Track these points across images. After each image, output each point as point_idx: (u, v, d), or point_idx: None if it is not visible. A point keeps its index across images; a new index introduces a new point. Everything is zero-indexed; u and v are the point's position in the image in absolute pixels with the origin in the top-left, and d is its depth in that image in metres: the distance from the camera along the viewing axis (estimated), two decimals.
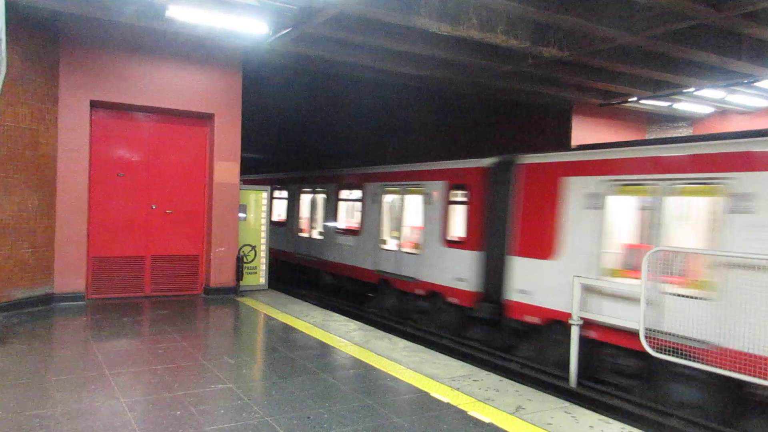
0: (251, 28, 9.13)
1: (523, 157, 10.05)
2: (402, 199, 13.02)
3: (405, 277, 12.58)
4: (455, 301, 11.19)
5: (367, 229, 14.13)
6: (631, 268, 8.19)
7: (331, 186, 16.03)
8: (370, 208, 14.07)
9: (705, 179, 7.26)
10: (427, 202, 12.20)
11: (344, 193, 15.51)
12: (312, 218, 17.10)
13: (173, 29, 9.82)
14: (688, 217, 8.10)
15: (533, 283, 9.45)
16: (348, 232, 15.04)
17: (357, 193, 14.77)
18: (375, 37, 10.18)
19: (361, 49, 11.27)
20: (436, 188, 11.96)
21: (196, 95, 10.68)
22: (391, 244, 13.33)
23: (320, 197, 16.72)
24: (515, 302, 9.73)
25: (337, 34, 10.03)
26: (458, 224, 11.50)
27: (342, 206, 15.71)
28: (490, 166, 10.80)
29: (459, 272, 11.08)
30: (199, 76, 10.73)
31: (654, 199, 7.84)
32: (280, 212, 18.97)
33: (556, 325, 8.99)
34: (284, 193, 18.66)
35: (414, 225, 12.83)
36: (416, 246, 12.48)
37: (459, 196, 11.49)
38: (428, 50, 10.91)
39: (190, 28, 9.62)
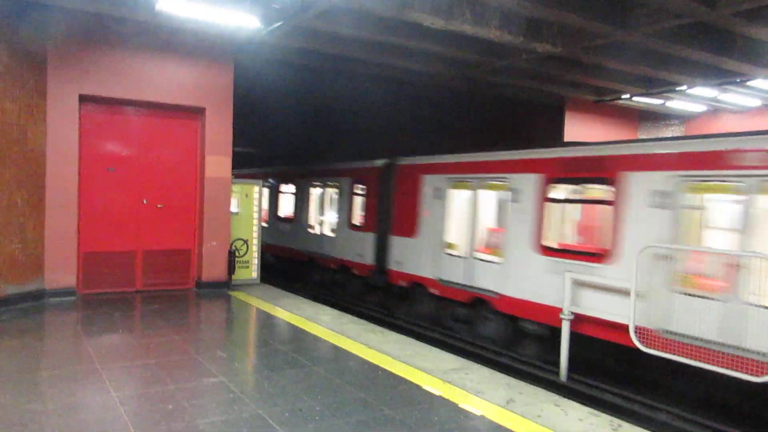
0: (243, 22, 9.10)
1: (400, 159, 12.88)
2: (324, 192, 16.06)
3: (324, 255, 15.52)
4: (357, 272, 14.03)
5: (300, 217, 17.19)
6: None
7: (277, 179, 18.79)
8: (301, 199, 17.18)
9: (501, 178, 10.20)
10: (340, 194, 15.10)
11: (283, 187, 18.48)
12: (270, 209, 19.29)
13: (164, 22, 9.77)
14: (491, 204, 11.14)
15: (404, 256, 12.40)
16: (288, 220, 18.02)
17: (292, 187, 17.80)
18: (368, 30, 10.17)
19: (354, 43, 11.26)
20: (345, 183, 14.83)
21: (186, 89, 10.63)
22: (316, 229, 16.24)
23: (269, 190, 19.22)
24: (394, 271, 12.70)
25: (330, 27, 10.02)
26: (359, 212, 14.43)
27: (282, 198, 18.73)
28: (380, 166, 13.51)
29: (359, 250, 13.92)
30: (190, 69, 10.67)
31: (472, 192, 10.83)
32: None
33: (418, 287, 11.99)
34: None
35: (331, 213, 15.72)
36: (333, 230, 15.40)
37: (359, 189, 14.34)
38: (421, 45, 10.92)
39: (181, 21, 9.58)
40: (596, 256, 8.46)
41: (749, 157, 6.79)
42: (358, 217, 14.43)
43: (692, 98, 15.28)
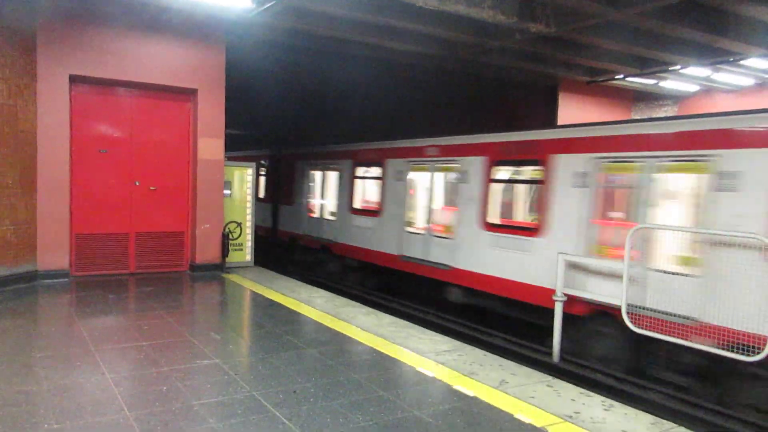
0: (234, 1, 8.97)
1: (285, 151, 18.28)
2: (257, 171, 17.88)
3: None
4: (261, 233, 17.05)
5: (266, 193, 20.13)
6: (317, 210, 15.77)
7: (259, 162, 20.01)
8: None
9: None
10: (260, 174, 19.28)
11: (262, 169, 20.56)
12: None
13: (154, 2, 9.62)
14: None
15: (285, 219, 17.46)
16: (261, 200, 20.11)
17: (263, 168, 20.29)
18: (360, 10, 10.07)
19: (346, 23, 11.15)
20: (259, 165, 19.26)
21: (178, 70, 10.50)
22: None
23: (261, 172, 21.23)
24: (281, 230, 17.77)
25: (321, 6, 9.91)
26: (263, 188, 19.32)
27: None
28: (272, 154, 19.14)
29: (264, 217, 18.24)
30: (181, 50, 10.54)
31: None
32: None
33: (293, 240, 16.84)
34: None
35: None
36: (263, 200, 18.91)
37: (262, 170, 19.52)
38: (414, 25, 10.83)
39: (172, 0, 9.43)
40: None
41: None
42: (261, 192, 18.52)
43: (686, 78, 15.26)
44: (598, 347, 8.36)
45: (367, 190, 14.49)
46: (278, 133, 21.35)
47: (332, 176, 15.38)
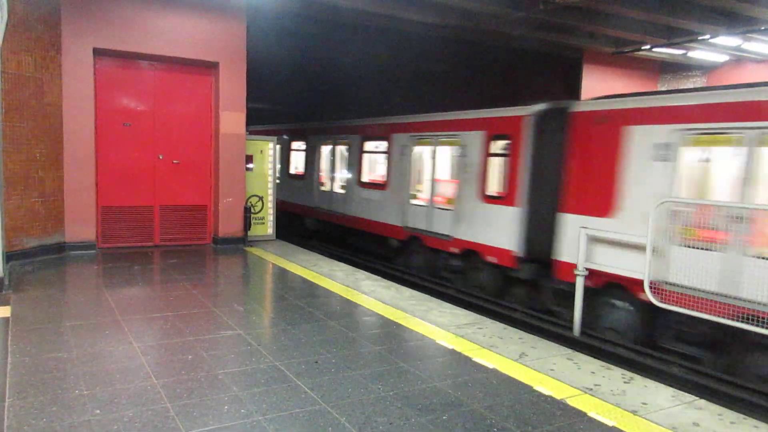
0: None
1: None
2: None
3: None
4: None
5: None
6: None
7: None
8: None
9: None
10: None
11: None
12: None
13: None
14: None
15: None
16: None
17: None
18: None
19: None
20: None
21: (199, 43, 10.51)
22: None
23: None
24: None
25: None
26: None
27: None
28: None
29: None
30: (203, 23, 10.52)
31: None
32: None
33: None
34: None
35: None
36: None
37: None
38: None
39: None
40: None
41: None
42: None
43: (715, 48, 14.82)
44: None
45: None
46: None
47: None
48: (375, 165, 15.00)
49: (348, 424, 3.98)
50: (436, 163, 12.07)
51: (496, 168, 10.62)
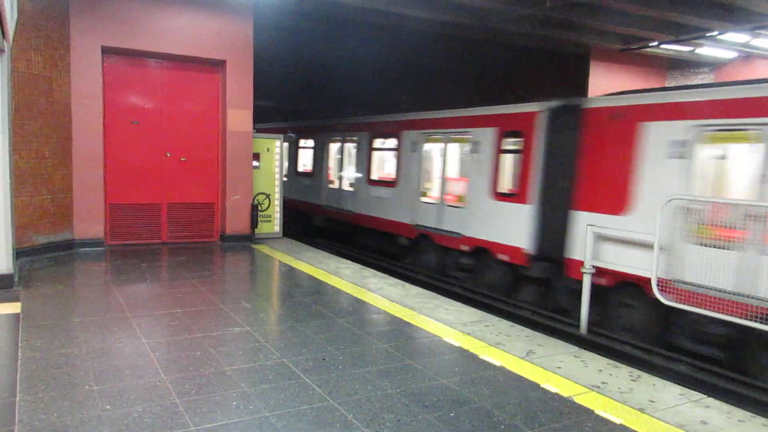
0: None
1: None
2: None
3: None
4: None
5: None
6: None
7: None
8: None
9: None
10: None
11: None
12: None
13: None
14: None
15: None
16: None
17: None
18: None
19: None
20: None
21: (207, 41, 10.54)
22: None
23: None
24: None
25: None
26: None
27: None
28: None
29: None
30: (210, 21, 10.56)
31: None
32: None
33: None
34: None
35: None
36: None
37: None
38: None
39: None
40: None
41: None
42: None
43: (723, 44, 14.72)
44: None
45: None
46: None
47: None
48: (384, 162, 14.95)
49: (355, 420, 4.00)
50: (446, 161, 12.02)
51: (508, 165, 10.59)
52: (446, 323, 6.45)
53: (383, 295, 7.62)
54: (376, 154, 14.66)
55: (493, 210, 10.57)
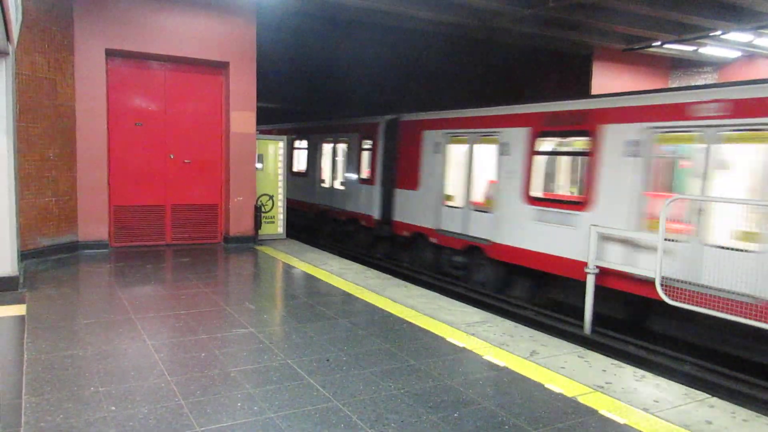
0: None
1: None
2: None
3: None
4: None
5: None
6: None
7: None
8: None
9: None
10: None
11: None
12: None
13: None
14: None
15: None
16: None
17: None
18: None
19: None
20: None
21: (210, 43, 10.57)
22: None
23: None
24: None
25: None
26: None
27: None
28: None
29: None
30: (213, 23, 10.58)
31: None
32: None
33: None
34: None
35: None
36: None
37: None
38: None
39: None
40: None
41: None
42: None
43: (727, 44, 14.71)
44: None
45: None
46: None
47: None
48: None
49: (360, 421, 4.01)
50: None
51: (365, 160, 13.19)
52: (450, 323, 6.45)
53: (387, 295, 7.63)
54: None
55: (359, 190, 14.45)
